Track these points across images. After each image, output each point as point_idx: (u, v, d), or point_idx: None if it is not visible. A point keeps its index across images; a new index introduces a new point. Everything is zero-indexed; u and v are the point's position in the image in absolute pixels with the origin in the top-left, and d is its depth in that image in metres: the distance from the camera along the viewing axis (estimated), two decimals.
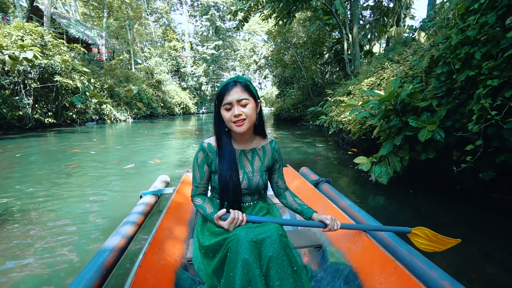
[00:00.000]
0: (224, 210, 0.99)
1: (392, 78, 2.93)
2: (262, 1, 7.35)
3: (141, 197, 1.93)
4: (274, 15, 7.90)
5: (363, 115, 2.79)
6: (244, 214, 1.00)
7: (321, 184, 2.08)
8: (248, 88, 1.02)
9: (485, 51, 1.59)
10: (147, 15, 24.61)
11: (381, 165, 2.58)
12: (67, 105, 10.05)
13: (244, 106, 1.00)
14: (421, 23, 6.66)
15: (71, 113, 10.21)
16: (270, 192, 1.31)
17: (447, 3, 2.70)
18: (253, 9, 7.72)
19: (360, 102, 3.20)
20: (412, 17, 11.42)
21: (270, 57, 16.44)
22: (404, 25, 9.98)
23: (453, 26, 2.15)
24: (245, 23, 7.99)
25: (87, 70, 10.65)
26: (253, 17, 8.93)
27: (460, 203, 2.34)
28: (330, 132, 5.17)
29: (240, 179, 1.09)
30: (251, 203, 1.15)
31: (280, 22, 7.76)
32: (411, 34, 6.44)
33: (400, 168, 2.52)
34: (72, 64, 9.83)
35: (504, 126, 1.57)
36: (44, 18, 11.98)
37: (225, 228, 0.97)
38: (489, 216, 2.09)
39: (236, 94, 0.99)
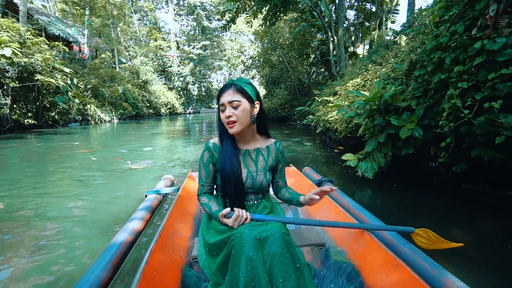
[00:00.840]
0: (228, 208, 1.02)
1: (375, 80, 3.13)
2: (250, 3, 7.45)
3: (146, 196, 1.96)
4: (260, 16, 8.02)
5: (349, 115, 2.96)
6: (248, 212, 1.03)
7: (324, 184, 2.11)
8: (242, 90, 1.04)
9: (454, 57, 1.79)
10: (131, 13, 24.04)
11: (367, 161, 2.76)
12: (48, 106, 9.69)
13: (236, 108, 1.02)
14: (401, 27, 7.04)
15: (52, 114, 9.85)
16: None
17: (424, 12, 2.93)
18: (241, 11, 7.81)
19: (346, 102, 3.39)
20: (393, 21, 11.96)
21: (257, 57, 16.60)
22: (387, 28, 10.44)
23: (429, 33, 2.36)
24: (232, 24, 8.06)
25: (69, 70, 10.30)
26: (240, 17, 8.98)
27: (437, 194, 2.56)
28: (317, 131, 5.36)
29: (244, 178, 1.12)
30: (255, 202, 1.18)
31: (267, 23, 7.89)
32: (393, 37, 6.79)
33: (384, 164, 2.71)
34: (54, 63, 9.49)
35: (475, 123, 1.77)
36: (20, 13, 11.39)
37: (229, 226, 1.00)
38: (462, 205, 2.31)
39: (228, 96, 1.03)
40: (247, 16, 7.92)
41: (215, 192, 1.24)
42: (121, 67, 18.58)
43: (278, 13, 7.65)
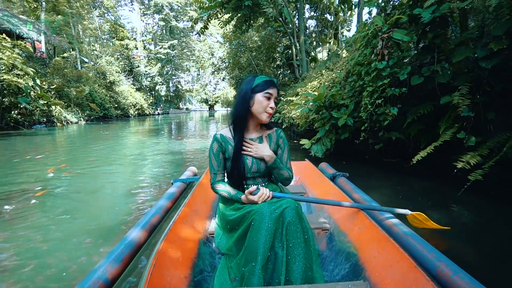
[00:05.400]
0: (255, 187, 1.14)
1: (322, 85, 4.11)
2: (221, 11, 8.15)
3: (172, 183, 2.21)
4: (233, 22, 8.77)
5: (305, 111, 3.90)
6: (270, 191, 1.15)
7: (338, 178, 2.26)
8: (279, 93, 1.24)
9: (365, 70, 2.78)
10: (91, 8, 22.92)
11: (318, 144, 3.71)
12: (10, 106, 9.29)
13: (275, 103, 1.20)
14: (350, 38, 8.34)
15: (14, 115, 9.45)
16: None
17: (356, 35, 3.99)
18: (213, 17, 8.48)
19: (303, 101, 4.34)
20: (348, 30, 13.60)
21: (226, 58, 17.28)
22: (343, 36, 11.91)
23: (355, 52, 3.38)
24: (205, 30, 8.69)
25: (30, 70, 9.92)
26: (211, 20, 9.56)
27: (368, 167, 3.59)
28: (283, 127, 6.30)
29: (250, 164, 1.21)
30: (263, 184, 1.27)
31: (238, 31, 8.65)
32: (343, 46, 8.05)
33: (330, 146, 3.69)
34: (14, 61, 9.13)
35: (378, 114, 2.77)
36: None
37: (254, 201, 1.11)
38: (382, 170, 3.35)
39: (275, 92, 1.19)
40: (220, 23, 8.60)
41: (226, 179, 1.32)
42: (84, 66, 17.82)
43: (248, 21, 8.46)
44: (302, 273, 0.95)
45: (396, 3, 2.95)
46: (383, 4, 2.86)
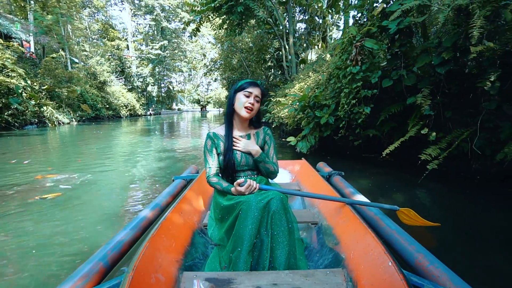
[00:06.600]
0: (243, 179, 1.22)
1: (307, 86, 4.43)
2: (213, 15, 8.39)
3: (173, 180, 2.25)
4: (225, 26, 9.01)
5: (291, 111, 4.20)
6: (257, 183, 1.24)
7: (333, 176, 2.32)
8: (264, 94, 1.34)
9: (343, 74, 3.10)
10: (80, 7, 22.66)
11: (303, 141, 4.02)
12: (1, 107, 9.25)
13: (257, 102, 1.30)
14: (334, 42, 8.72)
15: (6, 116, 9.42)
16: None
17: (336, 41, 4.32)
18: (205, 20, 8.71)
19: (291, 101, 4.64)
20: (337, 29, 14.03)
21: (218, 59, 17.50)
22: (331, 38, 12.32)
23: (335, 57, 3.70)
24: (197, 32, 8.91)
25: (22, 71, 9.90)
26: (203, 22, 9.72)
27: (349, 162, 3.92)
28: (273, 126, 6.59)
29: (239, 158, 1.32)
30: (252, 177, 1.36)
31: (232, 33, 8.90)
32: (330, 49, 8.41)
33: (314, 143, 4.00)
34: (5, 62, 9.11)
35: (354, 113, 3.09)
36: None
37: (242, 192, 1.18)
38: (361, 166, 3.67)
39: (256, 91, 1.29)
40: (212, 25, 8.82)
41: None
42: (74, 67, 17.68)
43: (240, 25, 8.71)
44: (285, 260, 1.02)
45: (372, 13, 3.28)
46: (358, 15, 3.19)
